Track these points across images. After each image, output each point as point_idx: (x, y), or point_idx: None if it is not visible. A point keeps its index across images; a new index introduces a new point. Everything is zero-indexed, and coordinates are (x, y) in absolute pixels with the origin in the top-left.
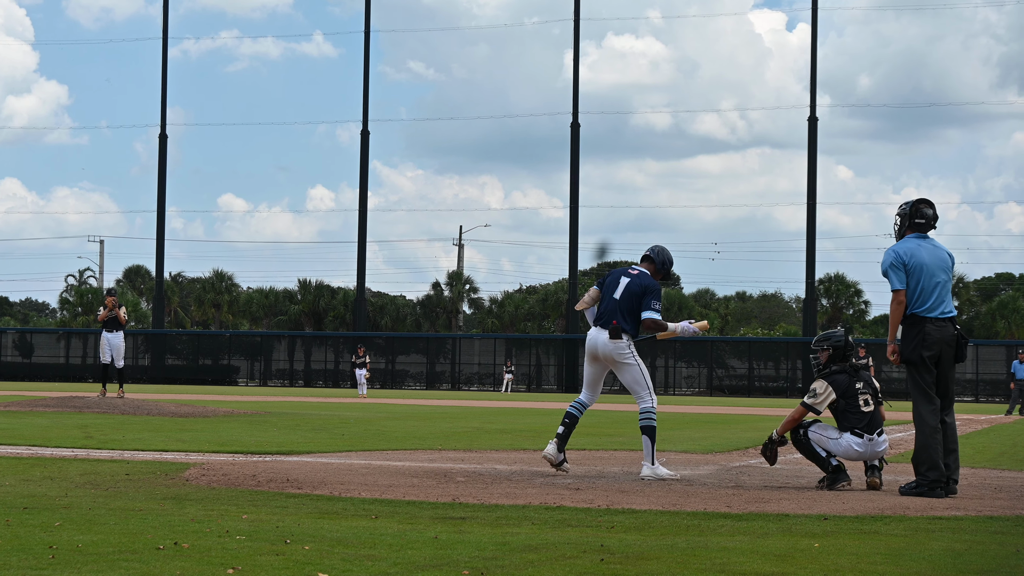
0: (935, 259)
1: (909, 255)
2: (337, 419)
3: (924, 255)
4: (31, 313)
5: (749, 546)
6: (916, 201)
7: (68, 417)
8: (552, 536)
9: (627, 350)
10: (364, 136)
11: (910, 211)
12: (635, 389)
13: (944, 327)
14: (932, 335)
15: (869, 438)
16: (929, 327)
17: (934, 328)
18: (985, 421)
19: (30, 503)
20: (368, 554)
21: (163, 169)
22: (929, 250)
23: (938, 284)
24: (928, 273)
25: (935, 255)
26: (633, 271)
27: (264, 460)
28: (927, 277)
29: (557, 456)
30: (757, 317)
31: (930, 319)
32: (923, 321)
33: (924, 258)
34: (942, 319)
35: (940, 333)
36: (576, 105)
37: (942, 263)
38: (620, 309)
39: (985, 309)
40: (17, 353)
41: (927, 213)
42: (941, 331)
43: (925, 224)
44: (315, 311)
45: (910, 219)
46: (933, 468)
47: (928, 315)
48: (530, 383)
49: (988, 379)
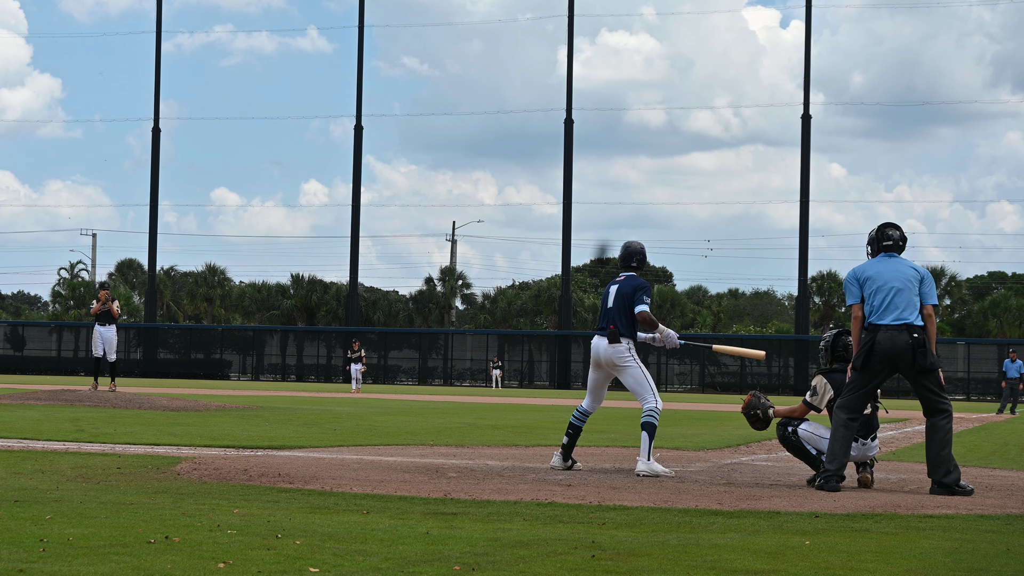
0: (892, 271)
1: (862, 271)
2: (329, 414)
3: (879, 267)
4: (23, 306)
5: (740, 543)
6: (881, 225)
7: (59, 410)
8: (543, 532)
9: (626, 353)
10: (357, 131)
11: (876, 235)
12: (638, 391)
13: (896, 334)
14: (881, 343)
15: (862, 442)
16: (880, 335)
17: (885, 336)
18: (976, 420)
19: (21, 496)
20: (359, 549)
21: (156, 163)
22: (888, 263)
23: (892, 290)
24: (880, 282)
25: (893, 267)
26: (620, 277)
27: (256, 455)
28: (879, 285)
29: (563, 465)
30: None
31: (882, 326)
32: (876, 329)
33: (879, 270)
34: (895, 326)
35: (891, 342)
36: (570, 101)
37: (900, 274)
38: (615, 314)
39: (977, 308)
40: (9, 346)
41: (892, 235)
42: (892, 340)
43: (892, 245)
44: (308, 306)
45: (878, 243)
46: (833, 462)
47: (879, 321)
48: (522, 379)
49: (980, 378)
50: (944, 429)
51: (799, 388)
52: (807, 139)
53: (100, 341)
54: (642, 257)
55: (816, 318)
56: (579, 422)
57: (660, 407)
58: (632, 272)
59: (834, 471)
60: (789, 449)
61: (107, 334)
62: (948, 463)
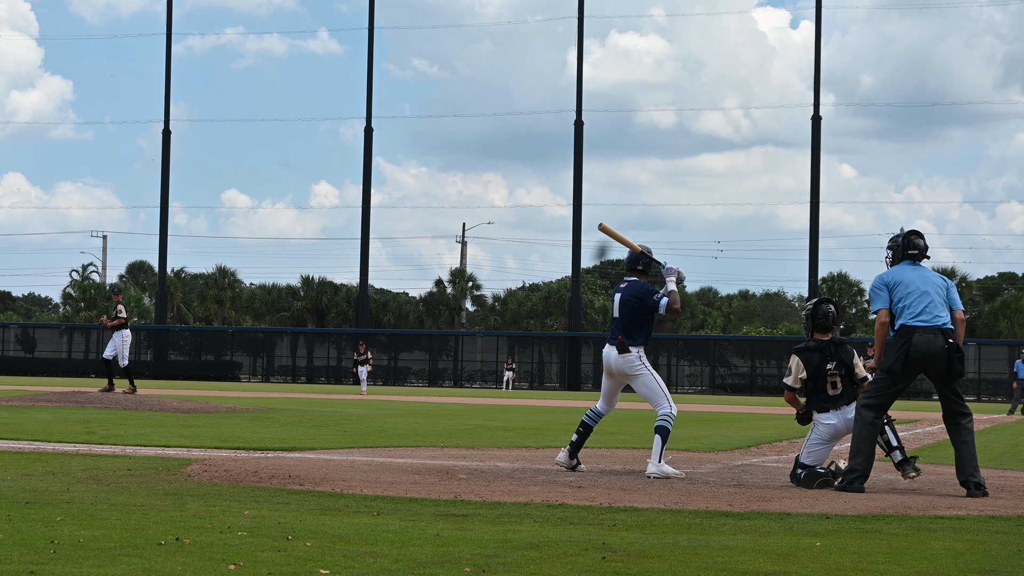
0: (921, 277)
1: (891, 276)
2: (339, 416)
3: (908, 273)
4: (34, 308)
5: (751, 545)
6: (908, 232)
7: (70, 412)
8: (554, 534)
9: (637, 362)
10: (368, 133)
11: (903, 242)
12: (652, 398)
13: (933, 338)
14: (918, 346)
15: (836, 409)
16: (916, 338)
17: (921, 340)
18: (987, 421)
19: (32, 498)
20: (370, 551)
21: (166, 165)
22: (915, 270)
23: (925, 293)
24: (911, 287)
25: (921, 274)
26: (622, 285)
27: (266, 456)
28: (913, 289)
29: (569, 462)
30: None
31: (918, 328)
32: (911, 331)
33: (908, 275)
34: (930, 328)
35: (927, 346)
36: (580, 103)
37: (929, 281)
38: (622, 324)
39: (988, 309)
40: (19, 348)
41: (919, 244)
42: (928, 343)
43: (917, 255)
44: (318, 308)
45: (903, 250)
46: (860, 463)
47: (913, 323)
48: (532, 381)
49: (991, 379)
50: (971, 430)
51: None
52: (817, 140)
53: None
54: (648, 260)
55: None
56: (591, 422)
57: (675, 412)
58: (636, 277)
59: (861, 472)
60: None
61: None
62: (975, 462)
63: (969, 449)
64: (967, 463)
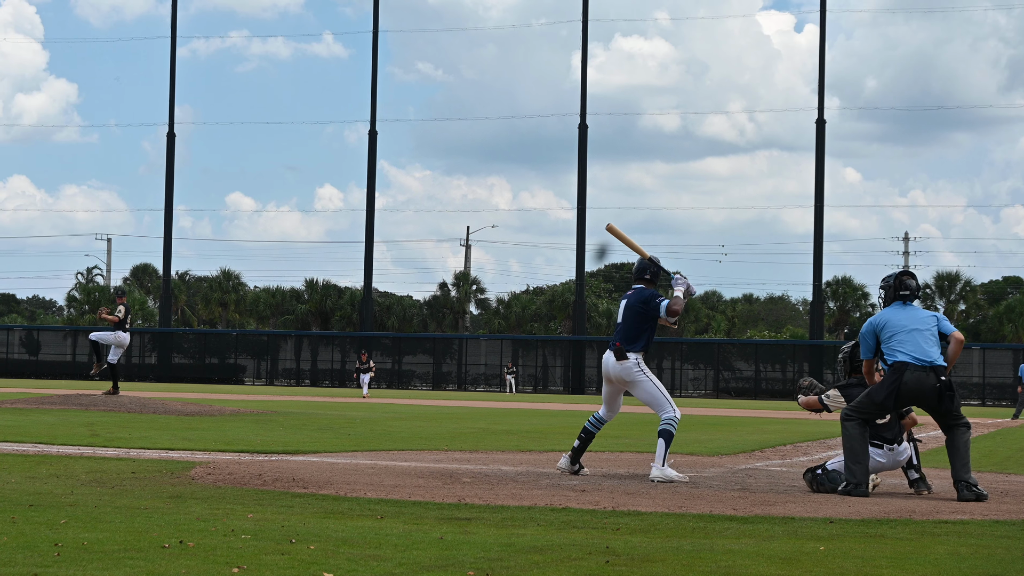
0: (908, 316)
1: (878, 320)
2: (343, 419)
3: (896, 313)
4: (38, 311)
5: (755, 549)
6: (899, 274)
7: (74, 415)
8: (558, 537)
9: (635, 368)
10: (372, 136)
11: (895, 283)
12: (653, 404)
13: (924, 376)
14: (908, 385)
15: (889, 447)
16: (907, 375)
17: (912, 377)
18: (992, 425)
19: (36, 500)
20: (373, 554)
21: (171, 168)
22: (904, 310)
23: (915, 331)
24: (898, 326)
25: (909, 313)
26: (629, 292)
27: (270, 459)
28: (900, 328)
29: (571, 468)
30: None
31: (910, 365)
32: (903, 368)
33: (896, 315)
34: (921, 366)
35: (918, 383)
36: (584, 106)
37: (916, 318)
38: (624, 330)
39: (992, 313)
40: (24, 350)
41: (910, 284)
42: (919, 381)
43: (909, 295)
44: (322, 311)
45: (895, 291)
46: (859, 466)
47: (904, 358)
48: (536, 384)
49: (995, 383)
50: (966, 439)
51: None
52: (821, 144)
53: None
54: (656, 270)
55: (831, 323)
56: (594, 428)
57: (678, 416)
58: (642, 284)
59: (860, 478)
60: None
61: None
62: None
63: (961, 454)
64: (960, 466)
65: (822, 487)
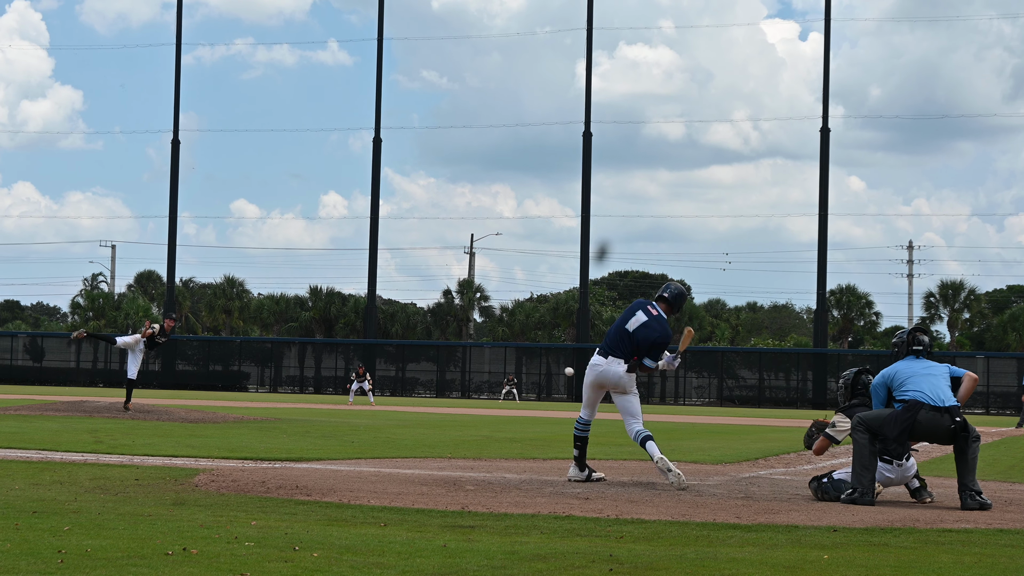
0: (920, 365)
1: (891, 372)
2: (347, 426)
3: (911, 365)
4: (42, 317)
5: (758, 557)
6: (912, 330)
7: (78, 421)
8: (561, 545)
9: (634, 381)
10: (376, 144)
11: (908, 339)
12: (633, 413)
13: (939, 417)
14: (922, 424)
15: (898, 463)
16: (922, 415)
17: (926, 417)
18: (996, 434)
19: (39, 507)
20: (377, 562)
21: (175, 175)
22: (919, 362)
23: (929, 376)
24: (913, 371)
25: (925, 365)
26: (653, 311)
27: (273, 467)
28: (913, 373)
29: (581, 475)
30: (768, 328)
31: (925, 406)
32: (917, 407)
33: (910, 366)
34: (937, 408)
35: (931, 423)
36: (588, 114)
37: (928, 367)
38: (646, 348)
39: (996, 321)
40: (28, 357)
41: (923, 340)
42: (934, 421)
43: (922, 351)
44: (326, 318)
45: (908, 346)
46: (867, 473)
47: (919, 397)
48: (540, 392)
49: (999, 392)
50: (975, 448)
51: (817, 402)
52: (826, 152)
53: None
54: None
55: (834, 331)
56: (583, 432)
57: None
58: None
59: (867, 487)
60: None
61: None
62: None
63: (969, 464)
64: (966, 474)
65: (827, 495)
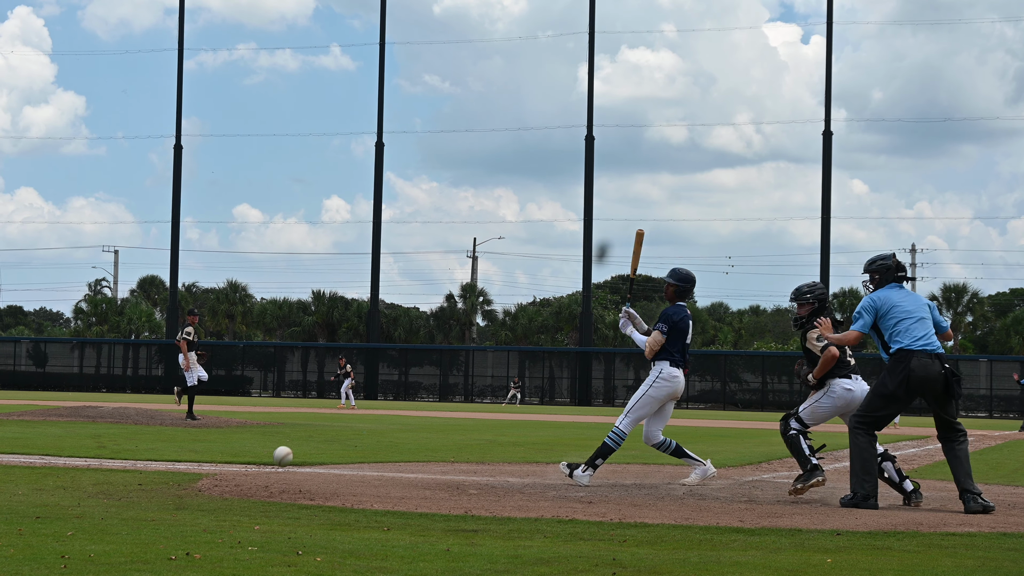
0: (913, 300)
1: (884, 299)
2: (350, 431)
3: (903, 299)
4: (45, 323)
5: (762, 561)
6: (894, 256)
7: (81, 427)
8: (564, 549)
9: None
10: (379, 148)
11: (894, 264)
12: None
13: (930, 363)
14: (916, 372)
15: (855, 377)
16: (915, 363)
17: (919, 364)
18: (999, 437)
19: (43, 512)
20: (380, 566)
21: (178, 180)
22: (908, 295)
23: (923, 320)
24: (905, 311)
25: (915, 300)
26: (686, 312)
27: (276, 471)
28: (905, 314)
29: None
30: (771, 331)
31: (916, 352)
32: (909, 356)
33: (903, 300)
34: (927, 353)
35: (925, 371)
36: (591, 118)
37: (919, 304)
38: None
39: (999, 325)
40: (31, 363)
41: (905, 267)
42: (926, 368)
43: (904, 276)
44: (329, 322)
45: (894, 271)
46: (869, 478)
47: (911, 347)
48: (543, 396)
49: (1002, 395)
50: (965, 448)
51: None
52: (828, 156)
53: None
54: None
55: None
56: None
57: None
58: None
59: (870, 490)
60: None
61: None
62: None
63: (963, 464)
64: (963, 476)
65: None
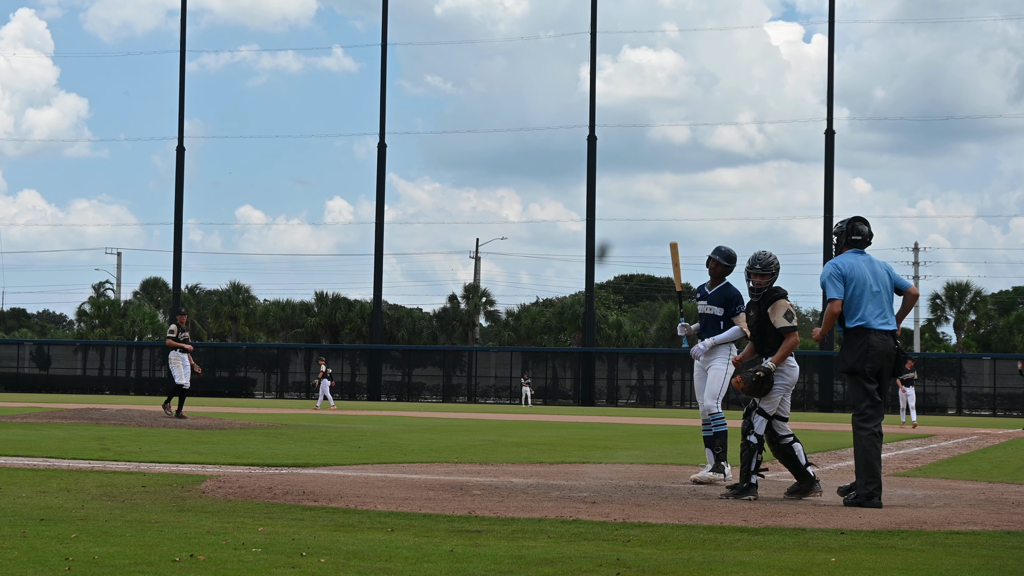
0: (870, 271)
1: (848, 267)
2: (353, 432)
3: (863, 267)
4: (48, 325)
5: (765, 560)
6: (852, 219)
7: (85, 429)
8: (568, 550)
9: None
10: (381, 149)
11: (847, 228)
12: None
13: (886, 340)
14: (875, 347)
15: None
16: (873, 338)
17: (877, 340)
18: (1003, 435)
19: (46, 515)
20: (384, 567)
21: (180, 181)
22: (867, 263)
23: (878, 294)
24: (863, 284)
25: (873, 269)
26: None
27: (280, 472)
28: (863, 288)
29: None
30: None
31: (873, 330)
32: (867, 332)
33: (863, 270)
34: (884, 331)
35: (883, 346)
36: (593, 118)
37: (877, 275)
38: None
39: (1002, 323)
40: (34, 365)
41: (863, 230)
42: (884, 343)
43: (861, 240)
44: (332, 324)
45: (847, 236)
46: (873, 478)
47: (868, 325)
48: (546, 396)
49: (1005, 393)
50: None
51: (823, 404)
52: (831, 155)
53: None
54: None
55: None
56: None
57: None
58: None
59: (873, 490)
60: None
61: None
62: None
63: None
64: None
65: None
